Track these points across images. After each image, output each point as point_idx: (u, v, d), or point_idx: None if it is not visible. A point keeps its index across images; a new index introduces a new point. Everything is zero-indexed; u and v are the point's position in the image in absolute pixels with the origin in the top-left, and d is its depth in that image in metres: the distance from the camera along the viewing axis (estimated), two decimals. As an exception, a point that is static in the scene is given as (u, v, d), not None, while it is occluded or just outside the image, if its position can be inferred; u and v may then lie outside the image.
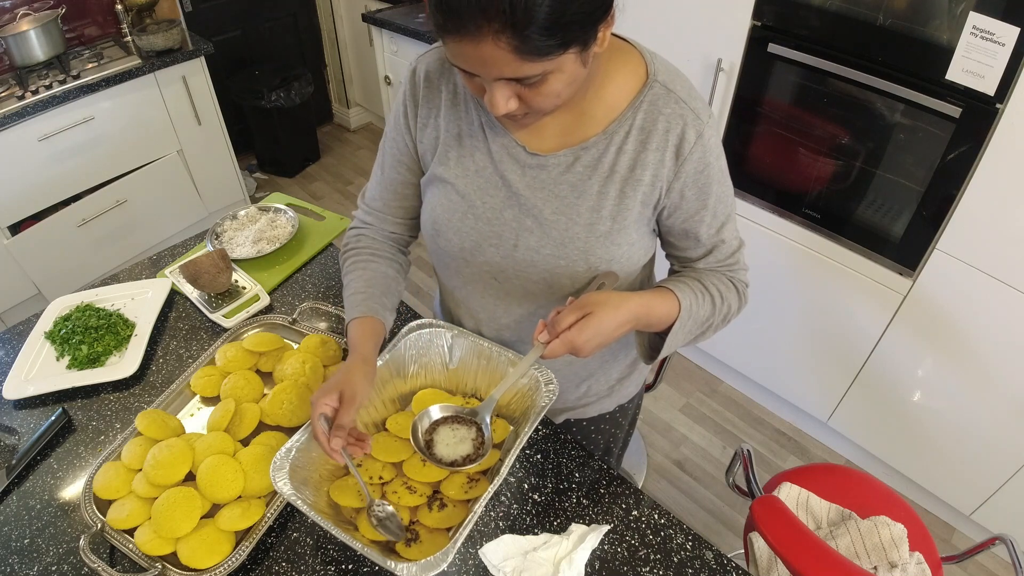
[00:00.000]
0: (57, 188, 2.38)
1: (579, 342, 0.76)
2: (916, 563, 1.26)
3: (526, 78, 0.68)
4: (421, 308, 2.66)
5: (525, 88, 0.70)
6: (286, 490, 0.78)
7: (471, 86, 0.74)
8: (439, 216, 0.91)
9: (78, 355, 1.13)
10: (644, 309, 0.82)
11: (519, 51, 0.63)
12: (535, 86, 0.69)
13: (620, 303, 0.79)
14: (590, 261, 0.86)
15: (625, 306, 0.79)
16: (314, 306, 1.22)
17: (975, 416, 1.67)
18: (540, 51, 0.64)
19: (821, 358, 1.96)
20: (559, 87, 0.70)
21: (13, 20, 2.30)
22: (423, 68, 0.89)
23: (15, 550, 0.88)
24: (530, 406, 0.91)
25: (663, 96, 0.80)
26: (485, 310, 0.98)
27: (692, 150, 0.81)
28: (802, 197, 1.77)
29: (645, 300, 0.82)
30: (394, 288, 0.99)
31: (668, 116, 0.80)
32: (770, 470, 2.08)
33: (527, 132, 0.85)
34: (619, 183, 0.83)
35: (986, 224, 1.45)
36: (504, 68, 0.66)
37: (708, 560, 0.88)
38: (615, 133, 0.82)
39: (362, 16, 2.82)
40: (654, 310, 0.83)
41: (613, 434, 1.20)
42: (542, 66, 0.66)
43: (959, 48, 1.32)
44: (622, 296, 0.80)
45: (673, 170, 0.82)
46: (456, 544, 0.73)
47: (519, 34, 0.62)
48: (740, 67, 1.71)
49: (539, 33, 0.62)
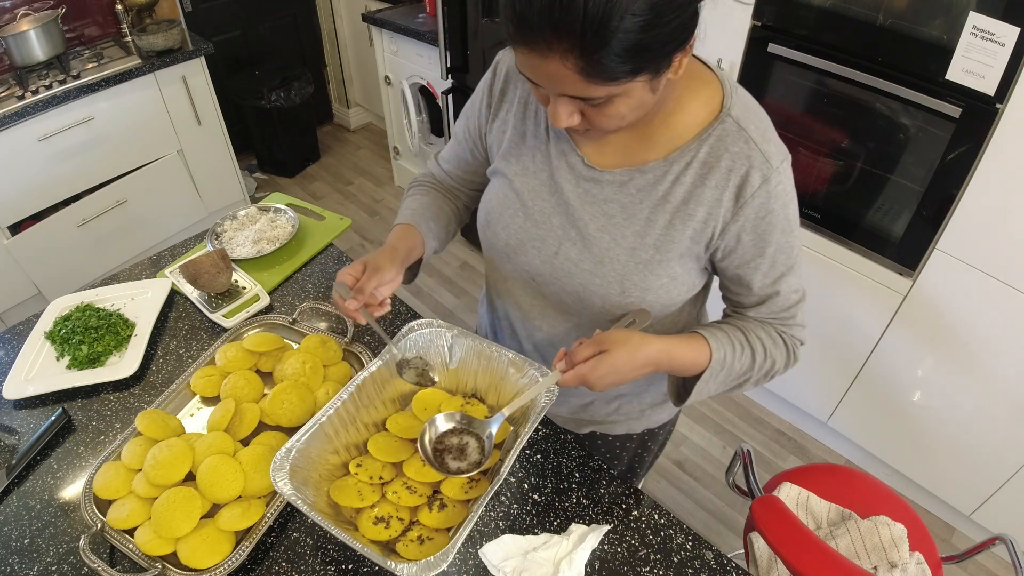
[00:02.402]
0: (57, 188, 2.38)
1: (591, 378, 0.77)
2: (916, 563, 1.26)
3: (591, 98, 0.67)
4: (422, 309, 2.66)
5: (589, 107, 0.69)
6: (286, 490, 0.78)
7: (537, 95, 0.74)
8: (492, 208, 0.93)
9: (78, 355, 1.13)
10: (666, 356, 0.80)
11: (586, 73, 0.62)
12: (600, 107, 0.68)
13: (639, 345, 0.77)
14: (625, 285, 0.84)
15: (644, 350, 0.78)
16: (314, 306, 1.22)
17: (975, 416, 1.67)
18: (608, 75, 0.62)
19: (821, 358, 1.96)
20: (624, 111, 0.69)
21: (13, 20, 2.30)
22: (506, 62, 0.90)
23: (15, 550, 0.88)
24: (530, 407, 0.91)
25: (733, 133, 0.76)
26: (520, 309, 0.99)
27: (755, 194, 0.76)
28: (802, 197, 1.75)
29: (668, 346, 0.80)
30: (444, 219, 1.03)
31: (734, 155, 0.76)
32: (770, 470, 2.08)
33: (590, 146, 0.84)
34: (669, 213, 0.80)
35: (986, 224, 1.45)
36: (568, 87, 0.65)
37: (708, 560, 0.88)
38: (676, 162, 0.79)
39: (362, 16, 2.82)
40: (677, 358, 0.81)
41: (638, 455, 1.19)
42: (608, 89, 0.65)
43: (959, 48, 1.32)
44: (644, 338, 0.78)
45: (731, 211, 0.78)
46: (456, 544, 0.73)
47: (588, 57, 0.60)
48: (740, 67, 1.71)
49: (610, 58, 0.60)
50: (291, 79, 3.15)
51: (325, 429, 0.88)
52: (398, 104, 2.96)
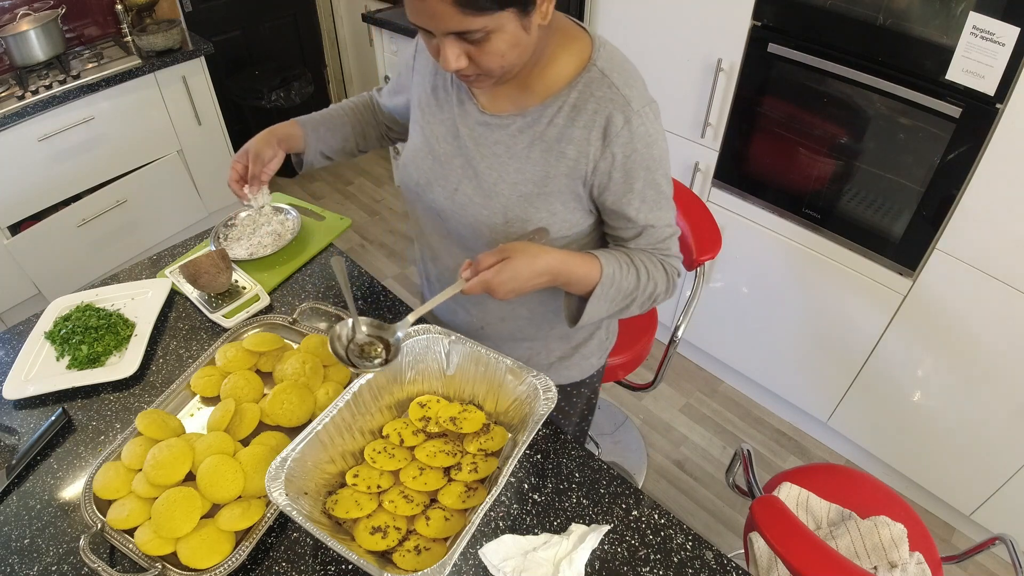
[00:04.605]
0: (57, 188, 2.38)
1: (494, 283, 0.84)
2: (916, 563, 1.26)
3: (469, 33, 0.75)
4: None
5: (472, 46, 0.77)
6: (281, 501, 0.78)
7: (430, 48, 0.83)
8: (408, 152, 1.05)
9: (78, 355, 1.13)
10: (562, 265, 0.88)
11: (459, 4, 0.71)
12: (480, 44, 0.77)
13: (538, 254, 0.86)
14: (508, 216, 0.93)
15: (543, 257, 0.86)
16: (314, 306, 1.22)
17: (975, 416, 1.67)
18: (479, 6, 0.72)
19: (821, 358, 1.96)
20: (503, 47, 0.78)
21: (13, 20, 2.30)
22: None
23: (15, 550, 0.88)
24: (528, 414, 0.91)
25: (598, 80, 0.87)
26: (431, 248, 1.10)
27: (619, 134, 0.86)
28: (802, 197, 1.77)
29: (565, 257, 0.88)
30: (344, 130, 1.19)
31: (599, 99, 0.86)
32: (770, 470, 2.08)
33: (486, 96, 0.95)
34: (543, 150, 0.90)
35: (986, 224, 1.45)
36: (449, 22, 0.74)
37: (708, 560, 0.88)
38: (550, 106, 0.89)
39: (362, 16, 2.82)
40: (573, 269, 0.89)
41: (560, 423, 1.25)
42: (483, 22, 0.74)
43: (959, 48, 1.32)
44: (542, 248, 0.87)
45: (600, 150, 0.88)
46: (454, 555, 0.72)
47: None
48: (740, 67, 1.71)
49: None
50: (291, 79, 3.15)
51: (321, 437, 0.87)
52: (398, 104, 2.96)
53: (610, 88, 0.86)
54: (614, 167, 0.89)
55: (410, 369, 0.99)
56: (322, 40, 3.63)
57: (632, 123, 0.86)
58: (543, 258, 0.86)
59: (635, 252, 0.96)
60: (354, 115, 1.20)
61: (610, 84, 0.87)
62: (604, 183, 0.91)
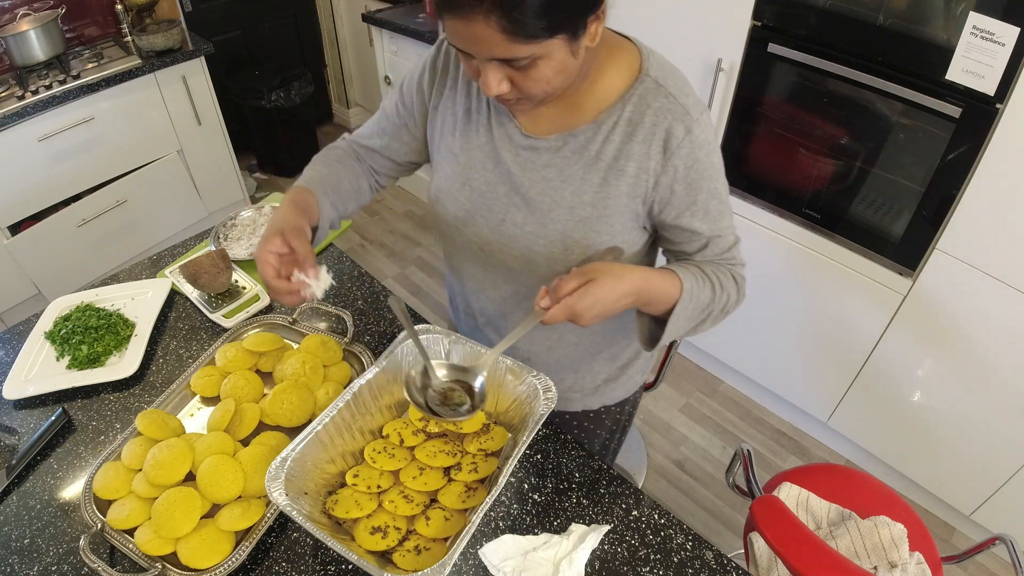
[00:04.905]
0: (57, 188, 2.38)
1: (579, 308, 0.76)
2: (916, 563, 1.26)
3: (515, 60, 0.70)
4: (422, 309, 2.66)
5: (516, 72, 0.73)
6: (281, 501, 0.78)
7: (468, 68, 0.77)
8: (440, 184, 0.96)
9: (78, 355, 1.13)
10: (646, 284, 0.81)
11: (508, 32, 0.66)
12: (525, 70, 0.72)
13: (623, 273, 0.79)
14: (567, 243, 0.88)
15: (628, 277, 0.79)
16: (314, 306, 1.23)
17: (975, 416, 1.67)
18: (528, 34, 0.67)
19: (821, 358, 1.96)
20: (548, 73, 0.73)
21: (13, 20, 2.30)
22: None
23: (15, 550, 0.88)
24: (528, 414, 0.91)
25: (653, 91, 0.82)
26: (474, 279, 1.02)
27: (681, 144, 0.82)
28: (802, 197, 1.77)
29: (647, 275, 0.82)
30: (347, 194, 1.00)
31: (656, 110, 0.82)
32: (770, 470, 2.08)
33: (527, 117, 0.88)
34: (603, 171, 0.85)
35: (986, 224, 1.45)
36: (494, 48, 0.69)
37: (708, 560, 0.88)
38: (603, 123, 0.84)
39: (362, 16, 2.82)
40: (656, 286, 0.83)
41: (594, 433, 1.21)
42: (530, 49, 0.69)
43: (959, 48, 1.32)
44: (625, 267, 0.81)
45: (661, 163, 0.83)
46: (454, 555, 0.72)
47: (508, 15, 0.65)
48: (740, 67, 1.71)
49: (527, 16, 0.66)
50: (291, 79, 3.15)
51: (321, 437, 0.87)
52: (398, 104, 2.96)
53: (667, 98, 0.82)
54: (676, 180, 0.84)
55: (410, 368, 0.99)
56: (322, 40, 3.63)
57: (693, 132, 0.82)
58: (628, 278, 0.79)
59: (704, 264, 0.91)
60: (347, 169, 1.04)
61: (667, 94, 0.82)
62: (666, 198, 0.86)
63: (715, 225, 0.89)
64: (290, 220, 0.86)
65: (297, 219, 0.87)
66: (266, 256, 0.82)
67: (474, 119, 0.92)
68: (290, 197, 0.92)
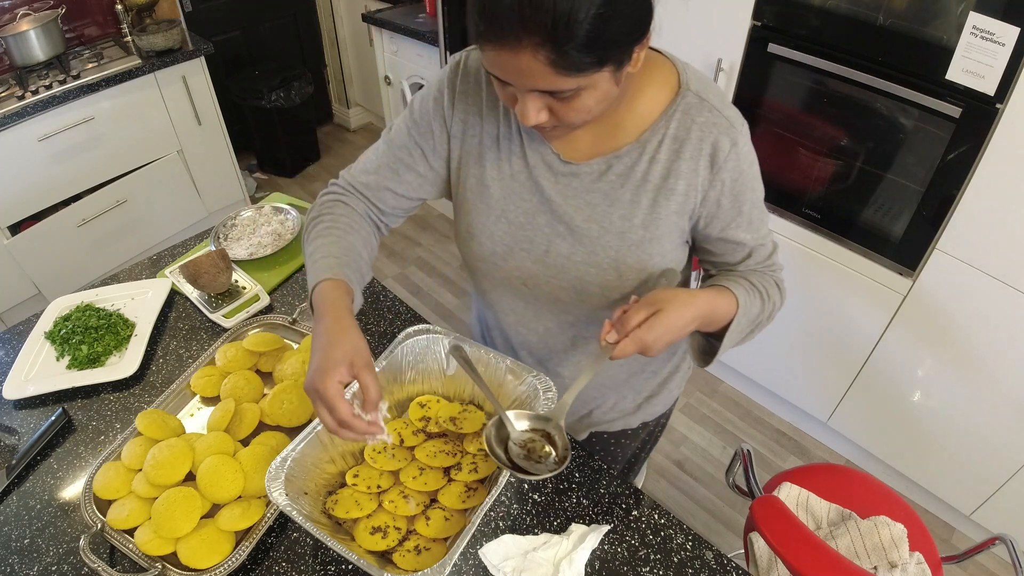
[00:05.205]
0: (57, 188, 2.38)
1: (648, 340, 0.74)
2: (916, 563, 1.26)
3: (559, 92, 0.68)
4: (422, 309, 2.66)
5: (557, 101, 0.70)
6: (281, 500, 0.78)
7: (503, 95, 0.74)
8: (473, 219, 0.91)
9: (78, 355, 1.13)
10: (711, 307, 0.80)
11: (556, 65, 0.64)
12: (567, 100, 0.69)
13: (689, 300, 0.77)
14: (620, 270, 0.85)
15: (694, 303, 0.78)
16: (314, 306, 1.22)
17: (975, 416, 1.67)
18: (576, 67, 0.64)
19: (821, 358, 1.96)
20: (591, 103, 0.71)
21: (13, 20, 2.30)
22: (471, 61, 0.87)
23: (15, 550, 0.88)
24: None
25: (696, 105, 0.80)
26: (514, 313, 0.98)
27: (727, 159, 0.80)
28: (802, 197, 1.77)
29: (710, 297, 0.81)
30: (366, 271, 0.90)
31: (702, 125, 0.79)
32: (770, 470, 2.08)
33: (561, 141, 0.85)
34: (652, 192, 0.82)
35: (986, 224, 1.45)
36: (539, 81, 0.66)
37: (708, 560, 0.88)
38: (648, 142, 0.81)
39: (362, 16, 2.82)
40: (718, 308, 0.81)
41: (628, 447, 1.19)
42: (576, 82, 0.66)
43: (959, 48, 1.32)
44: (690, 293, 0.79)
45: (708, 179, 0.81)
46: (454, 556, 0.73)
47: (558, 49, 0.62)
48: (740, 67, 1.71)
49: (577, 50, 0.63)
50: (291, 79, 3.15)
51: (321, 437, 0.87)
52: (398, 104, 2.96)
53: (711, 112, 0.79)
54: (723, 193, 0.82)
55: (410, 369, 0.99)
56: (322, 40, 3.63)
57: (738, 144, 0.80)
58: (694, 303, 0.77)
59: (749, 274, 0.89)
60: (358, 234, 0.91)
61: (710, 107, 0.79)
62: (713, 212, 0.84)
63: (757, 234, 0.88)
64: (359, 348, 0.74)
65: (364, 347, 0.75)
66: (337, 390, 0.72)
67: (504, 146, 0.87)
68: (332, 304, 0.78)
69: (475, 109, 0.88)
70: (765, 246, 0.90)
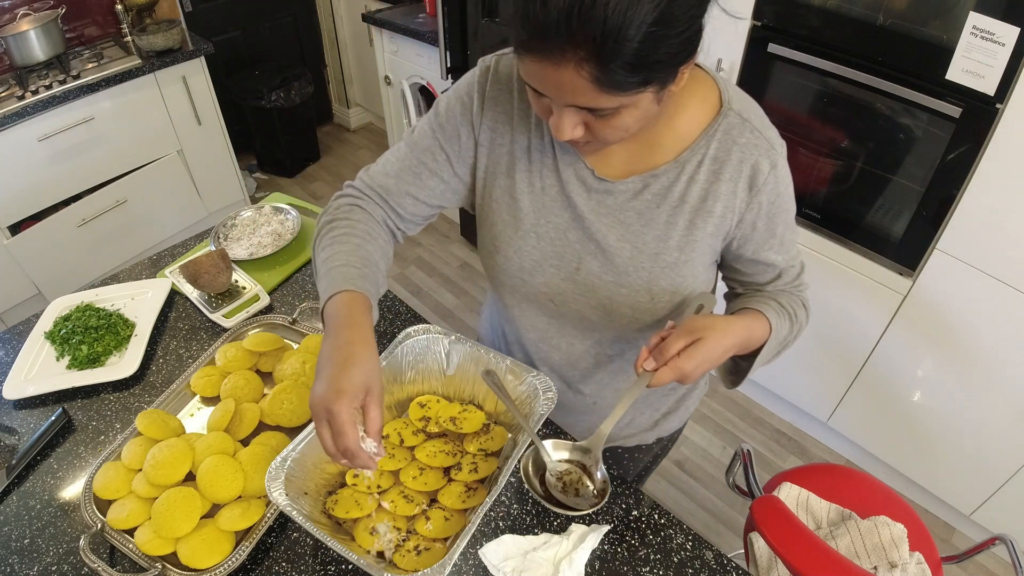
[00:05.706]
0: (57, 188, 2.38)
1: (688, 369, 0.73)
2: (916, 563, 1.26)
3: (599, 110, 0.65)
4: (422, 309, 2.66)
5: (595, 118, 0.67)
6: (281, 500, 0.77)
7: (537, 106, 0.71)
8: (499, 232, 0.88)
9: (78, 355, 1.13)
10: (747, 333, 0.79)
11: (599, 82, 0.61)
12: (606, 118, 0.67)
13: (727, 328, 0.76)
14: (653, 291, 0.84)
15: (732, 330, 0.77)
16: (314, 306, 1.22)
17: (975, 416, 1.67)
18: (620, 86, 0.62)
19: (821, 358, 1.96)
20: (630, 122, 0.68)
21: (13, 20, 2.30)
22: (502, 67, 0.84)
23: (15, 550, 0.88)
24: (528, 414, 0.91)
25: (738, 126, 0.77)
26: (537, 329, 0.96)
27: (766, 182, 0.78)
28: (802, 197, 1.76)
29: (747, 323, 0.80)
30: (382, 284, 0.86)
31: (743, 146, 0.77)
32: (770, 470, 2.08)
33: (595, 156, 0.82)
34: (689, 213, 0.80)
35: (986, 224, 1.45)
36: (580, 97, 0.63)
37: (708, 560, 0.87)
38: (688, 161, 0.79)
39: (362, 16, 2.82)
40: (755, 333, 0.81)
41: (640, 460, 1.19)
42: (619, 100, 0.64)
43: (959, 48, 1.32)
44: (728, 320, 0.78)
45: (746, 201, 0.79)
46: (454, 556, 0.72)
47: (603, 66, 0.59)
48: (740, 67, 1.71)
49: (623, 68, 0.60)
50: (291, 79, 3.15)
51: None
52: (398, 104, 2.96)
53: (752, 133, 0.77)
54: (759, 216, 0.81)
55: (410, 369, 0.99)
56: (322, 40, 3.63)
57: (777, 167, 0.78)
58: (732, 330, 0.76)
59: (778, 295, 0.88)
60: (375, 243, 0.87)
61: (752, 128, 0.77)
62: (747, 234, 0.82)
63: (788, 255, 0.87)
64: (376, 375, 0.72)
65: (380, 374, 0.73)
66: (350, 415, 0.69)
67: (536, 158, 0.84)
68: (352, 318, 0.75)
69: (505, 117, 0.84)
70: (795, 267, 0.89)
